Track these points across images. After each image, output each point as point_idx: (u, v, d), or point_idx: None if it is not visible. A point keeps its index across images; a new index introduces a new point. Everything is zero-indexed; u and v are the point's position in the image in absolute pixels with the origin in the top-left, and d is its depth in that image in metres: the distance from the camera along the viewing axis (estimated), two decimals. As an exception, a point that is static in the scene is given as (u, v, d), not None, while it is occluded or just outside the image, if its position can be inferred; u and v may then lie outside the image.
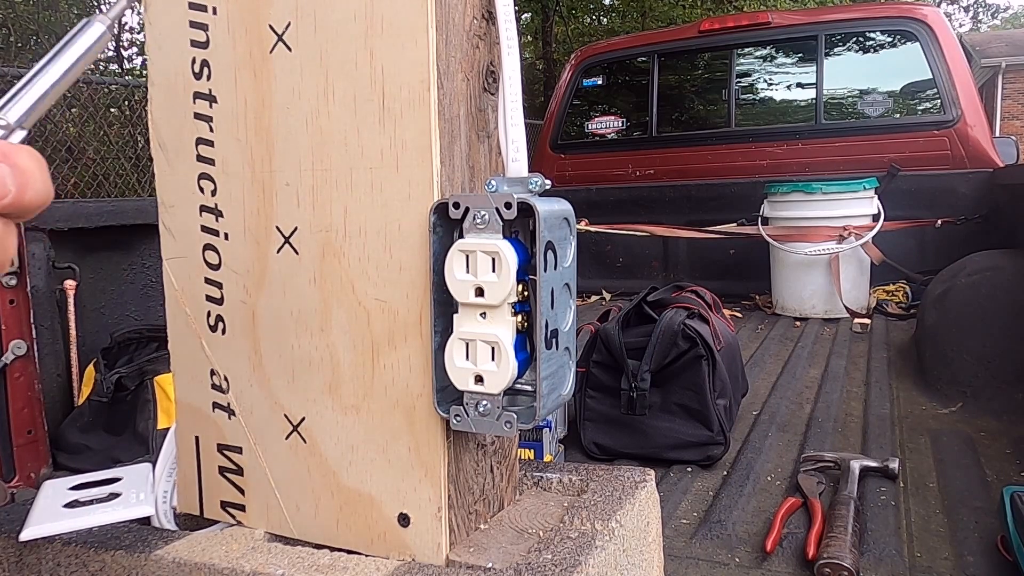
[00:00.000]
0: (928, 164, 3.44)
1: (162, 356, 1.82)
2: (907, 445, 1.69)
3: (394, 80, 0.51)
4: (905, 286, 3.35)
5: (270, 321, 0.58)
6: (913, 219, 3.27)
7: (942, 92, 3.48)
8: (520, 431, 0.52)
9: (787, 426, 1.83)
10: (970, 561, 1.18)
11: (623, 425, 1.67)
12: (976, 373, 1.97)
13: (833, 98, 3.89)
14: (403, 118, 0.51)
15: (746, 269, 3.60)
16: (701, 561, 1.22)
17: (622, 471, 0.68)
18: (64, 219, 1.88)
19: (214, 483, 0.65)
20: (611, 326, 1.71)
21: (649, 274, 3.88)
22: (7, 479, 1.72)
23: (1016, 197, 2.76)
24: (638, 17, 13.55)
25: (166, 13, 0.60)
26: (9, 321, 1.73)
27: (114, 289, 2.06)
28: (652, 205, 3.87)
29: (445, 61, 0.51)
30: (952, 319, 2.10)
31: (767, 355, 2.52)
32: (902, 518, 1.33)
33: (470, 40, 0.54)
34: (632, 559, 0.61)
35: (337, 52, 0.53)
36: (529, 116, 4.15)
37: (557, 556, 0.53)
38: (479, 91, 0.56)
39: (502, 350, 0.49)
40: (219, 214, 0.60)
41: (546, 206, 0.48)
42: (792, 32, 3.90)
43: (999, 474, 1.51)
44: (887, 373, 2.24)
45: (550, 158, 4.28)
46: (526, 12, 13.98)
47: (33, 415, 1.77)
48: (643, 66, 4.25)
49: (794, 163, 3.74)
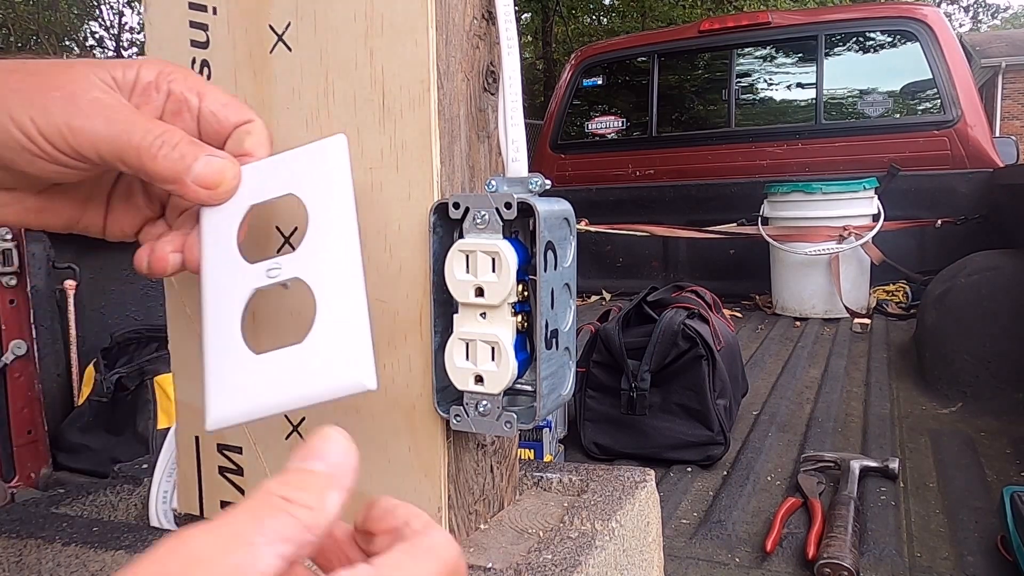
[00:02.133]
0: (928, 164, 3.44)
1: (162, 356, 1.82)
2: (907, 445, 1.69)
3: (394, 80, 0.51)
4: (905, 286, 3.35)
5: (270, 321, 0.58)
6: (913, 219, 3.27)
7: (942, 92, 3.47)
8: (520, 431, 0.52)
9: (787, 426, 1.83)
10: (970, 561, 1.18)
11: (623, 425, 1.67)
12: (976, 373, 1.97)
13: (833, 98, 3.89)
14: (403, 118, 0.51)
15: (746, 269, 3.59)
16: (701, 561, 1.22)
17: (622, 471, 0.68)
18: (64, 219, 1.87)
19: (214, 483, 0.65)
20: (611, 326, 1.71)
21: (649, 274, 3.88)
22: (7, 479, 1.73)
23: (1016, 197, 2.76)
24: (638, 17, 13.56)
25: (166, 13, 0.60)
26: (9, 321, 1.73)
27: (114, 289, 2.06)
28: (652, 205, 3.87)
29: (445, 61, 0.52)
30: (952, 319, 2.10)
31: (767, 355, 2.52)
32: (902, 518, 1.33)
33: (470, 40, 0.54)
34: (632, 559, 0.61)
35: (337, 52, 0.53)
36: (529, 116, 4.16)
37: (557, 556, 0.53)
38: (479, 91, 0.56)
39: (502, 350, 0.49)
40: (219, 214, 0.61)
41: (546, 206, 0.48)
42: (792, 32, 3.90)
43: (999, 474, 1.51)
44: (887, 373, 2.24)
45: (550, 158, 4.28)
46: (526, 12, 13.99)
47: (33, 415, 1.77)
48: (643, 66, 4.25)
49: (794, 163, 3.74)
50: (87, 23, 16.71)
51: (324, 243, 0.40)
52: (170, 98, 0.41)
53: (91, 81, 0.38)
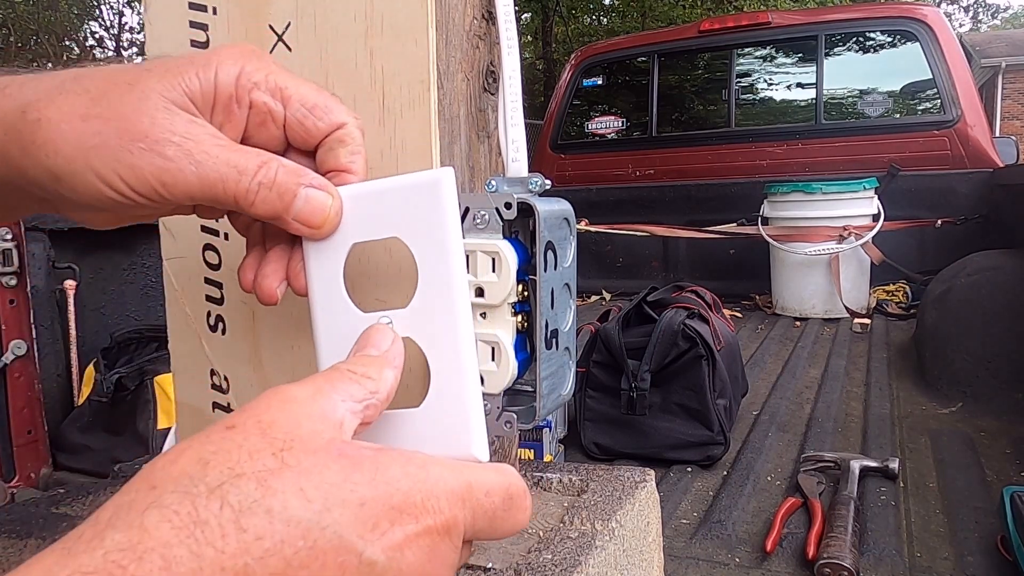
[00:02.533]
0: (928, 164, 3.44)
1: (162, 356, 1.82)
2: (907, 445, 1.69)
3: (394, 80, 0.51)
4: (905, 286, 3.35)
5: (270, 321, 0.58)
6: (913, 219, 3.27)
7: (942, 92, 3.47)
8: (520, 431, 0.52)
9: (787, 426, 1.83)
10: (970, 561, 1.18)
11: (623, 425, 1.67)
12: (976, 373, 1.97)
13: (833, 98, 3.89)
14: (403, 118, 0.51)
15: (746, 269, 3.59)
16: (701, 561, 1.22)
17: (622, 471, 0.68)
18: (64, 219, 1.87)
19: (214, 483, 0.65)
20: (611, 326, 1.71)
21: (649, 274, 3.88)
22: (7, 479, 1.73)
23: (1016, 197, 2.76)
24: (638, 17, 13.56)
25: (166, 13, 0.60)
26: (9, 321, 1.73)
27: (114, 289, 2.06)
28: (652, 205, 3.87)
29: (445, 61, 0.52)
30: (952, 319, 2.10)
31: (767, 355, 2.52)
32: (902, 518, 1.33)
33: (470, 40, 0.54)
34: (632, 559, 0.61)
35: (337, 52, 0.53)
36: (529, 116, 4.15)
37: (557, 556, 0.53)
38: (479, 91, 0.56)
39: (502, 350, 0.49)
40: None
41: (546, 206, 0.48)
42: (792, 32, 3.90)
43: (999, 474, 1.51)
44: (887, 373, 2.24)
45: (550, 158, 4.28)
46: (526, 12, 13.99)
47: (33, 415, 1.77)
48: (643, 66, 4.25)
49: (794, 163, 3.73)
50: (87, 23, 16.71)
51: (435, 302, 0.38)
52: (253, 110, 0.38)
53: (170, 116, 0.35)
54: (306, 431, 0.28)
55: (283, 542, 0.25)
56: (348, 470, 0.27)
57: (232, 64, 0.37)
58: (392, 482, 0.28)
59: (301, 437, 0.27)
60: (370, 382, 0.32)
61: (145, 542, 0.23)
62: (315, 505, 0.26)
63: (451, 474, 0.30)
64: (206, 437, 0.27)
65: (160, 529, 0.23)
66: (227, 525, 0.24)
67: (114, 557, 0.23)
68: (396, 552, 0.27)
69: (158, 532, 0.23)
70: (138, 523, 0.24)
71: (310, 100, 0.39)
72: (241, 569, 0.24)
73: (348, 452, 0.28)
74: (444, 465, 0.30)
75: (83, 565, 0.22)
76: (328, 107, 0.40)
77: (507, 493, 0.32)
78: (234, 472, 0.25)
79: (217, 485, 0.25)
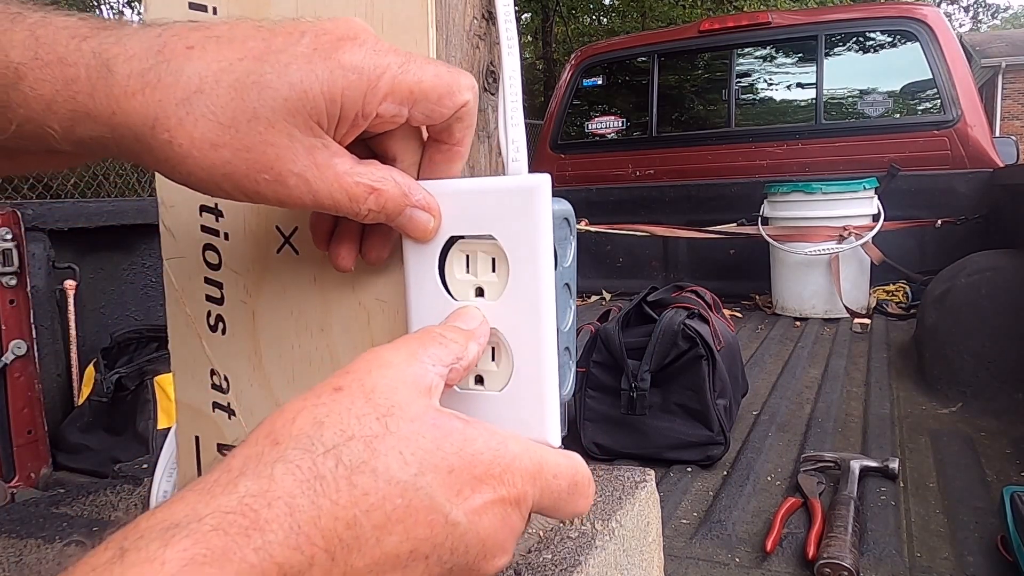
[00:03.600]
0: (928, 164, 3.44)
1: (162, 356, 1.82)
2: (907, 445, 1.69)
3: (394, 80, 0.51)
4: (905, 286, 3.35)
5: (270, 321, 0.58)
6: (913, 219, 3.27)
7: (942, 92, 3.47)
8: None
9: (787, 426, 1.83)
10: (970, 561, 1.18)
11: (623, 425, 1.67)
12: (976, 373, 1.97)
13: (833, 98, 3.89)
14: (403, 118, 0.51)
15: (746, 269, 3.60)
16: (701, 561, 1.22)
17: (622, 471, 0.68)
18: (64, 219, 1.87)
19: (214, 483, 0.65)
20: (611, 326, 1.71)
21: (649, 274, 3.88)
22: (7, 479, 1.73)
23: (1016, 197, 2.76)
24: (638, 17, 13.55)
25: (166, 13, 0.60)
26: (9, 321, 1.73)
27: (114, 289, 2.06)
28: (652, 205, 3.87)
29: (445, 61, 0.52)
30: (952, 319, 2.10)
31: (767, 355, 2.52)
32: (902, 518, 1.33)
33: (470, 40, 0.54)
34: (632, 559, 0.61)
35: (337, 52, 0.53)
36: (529, 116, 4.16)
37: (557, 556, 0.53)
38: (479, 91, 0.56)
39: (502, 350, 0.49)
40: (219, 214, 0.60)
41: (546, 206, 0.48)
42: (792, 32, 3.90)
43: (999, 474, 1.51)
44: (887, 373, 2.24)
45: (550, 158, 4.28)
46: (526, 12, 13.98)
47: (33, 415, 1.77)
48: (643, 66, 4.25)
49: (794, 163, 3.73)
50: (87, 23, 16.72)
51: (524, 299, 0.42)
52: (379, 117, 0.38)
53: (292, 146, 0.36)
54: (403, 397, 0.31)
55: (385, 498, 0.28)
56: (440, 439, 0.31)
57: (357, 78, 0.36)
58: (477, 454, 0.31)
59: (400, 403, 0.31)
60: (457, 347, 0.36)
61: (274, 490, 0.27)
62: (412, 468, 0.29)
63: (526, 453, 0.33)
64: (316, 398, 0.31)
65: (286, 480, 0.27)
66: (340, 481, 0.28)
67: (248, 501, 0.26)
68: (475, 516, 0.31)
69: (284, 483, 0.27)
70: (267, 473, 0.27)
71: (436, 92, 0.39)
72: (351, 519, 0.28)
73: (441, 423, 0.31)
74: (521, 444, 0.34)
75: (222, 505, 0.26)
76: (452, 91, 0.39)
77: (573, 480, 0.36)
78: (346, 435, 0.29)
79: (332, 446, 0.29)
